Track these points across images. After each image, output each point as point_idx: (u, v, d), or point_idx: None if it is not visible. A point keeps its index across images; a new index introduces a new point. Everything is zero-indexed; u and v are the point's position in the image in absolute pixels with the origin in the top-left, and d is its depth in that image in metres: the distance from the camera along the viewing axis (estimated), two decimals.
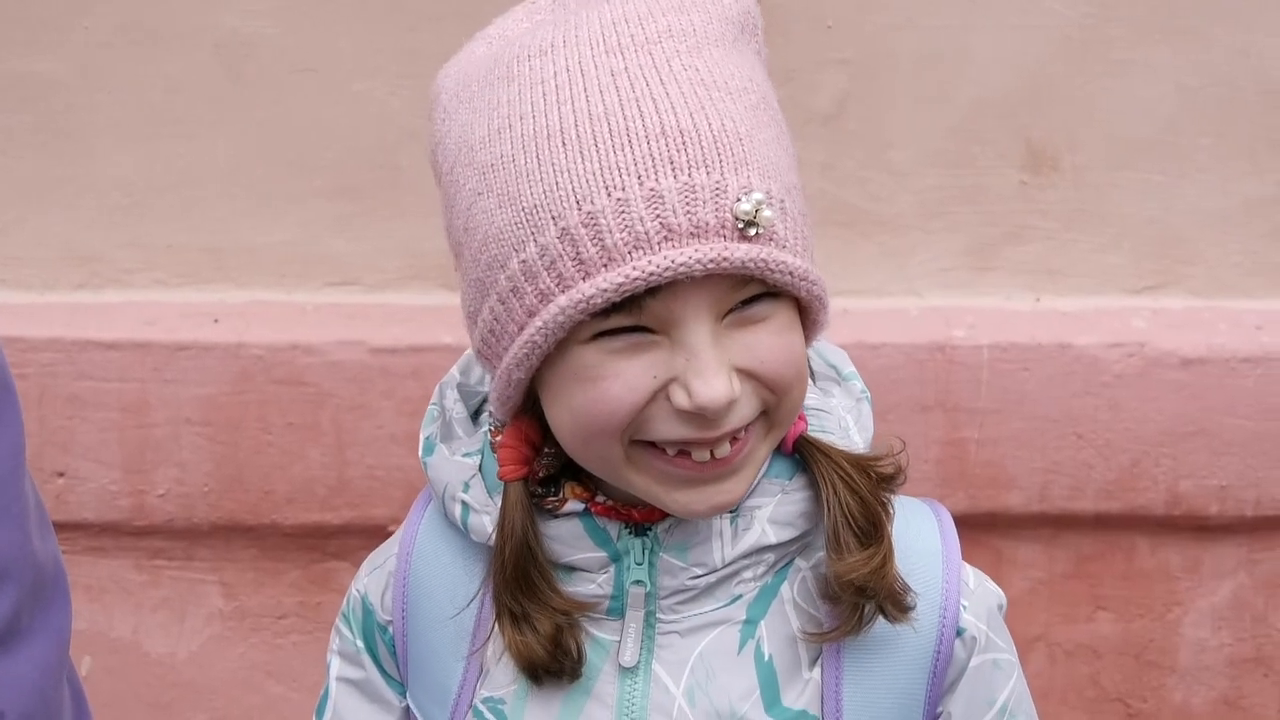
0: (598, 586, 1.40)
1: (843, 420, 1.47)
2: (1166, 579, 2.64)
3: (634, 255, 1.20)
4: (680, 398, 1.24)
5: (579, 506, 1.39)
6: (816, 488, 1.39)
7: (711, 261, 1.20)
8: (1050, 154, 2.56)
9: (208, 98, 2.46)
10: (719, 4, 1.34)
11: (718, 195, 1.21)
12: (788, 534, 1.39)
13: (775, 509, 1.40)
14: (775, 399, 1.29)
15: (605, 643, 1.41)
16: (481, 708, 1.44)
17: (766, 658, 1.41)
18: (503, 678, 1.44)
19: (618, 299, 1.21)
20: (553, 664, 1.38)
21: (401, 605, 1.50)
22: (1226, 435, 2.55)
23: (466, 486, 1.43)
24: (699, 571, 1.39)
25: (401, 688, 1.54)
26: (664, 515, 1.38)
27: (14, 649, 1.43)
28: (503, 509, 1.39)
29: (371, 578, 1.55)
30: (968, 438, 2.53)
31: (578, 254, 1.21)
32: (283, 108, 2.47)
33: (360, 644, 1.55)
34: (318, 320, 2.50)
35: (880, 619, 1.38)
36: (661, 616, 1.40)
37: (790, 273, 1.24)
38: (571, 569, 1.41)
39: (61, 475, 2.50)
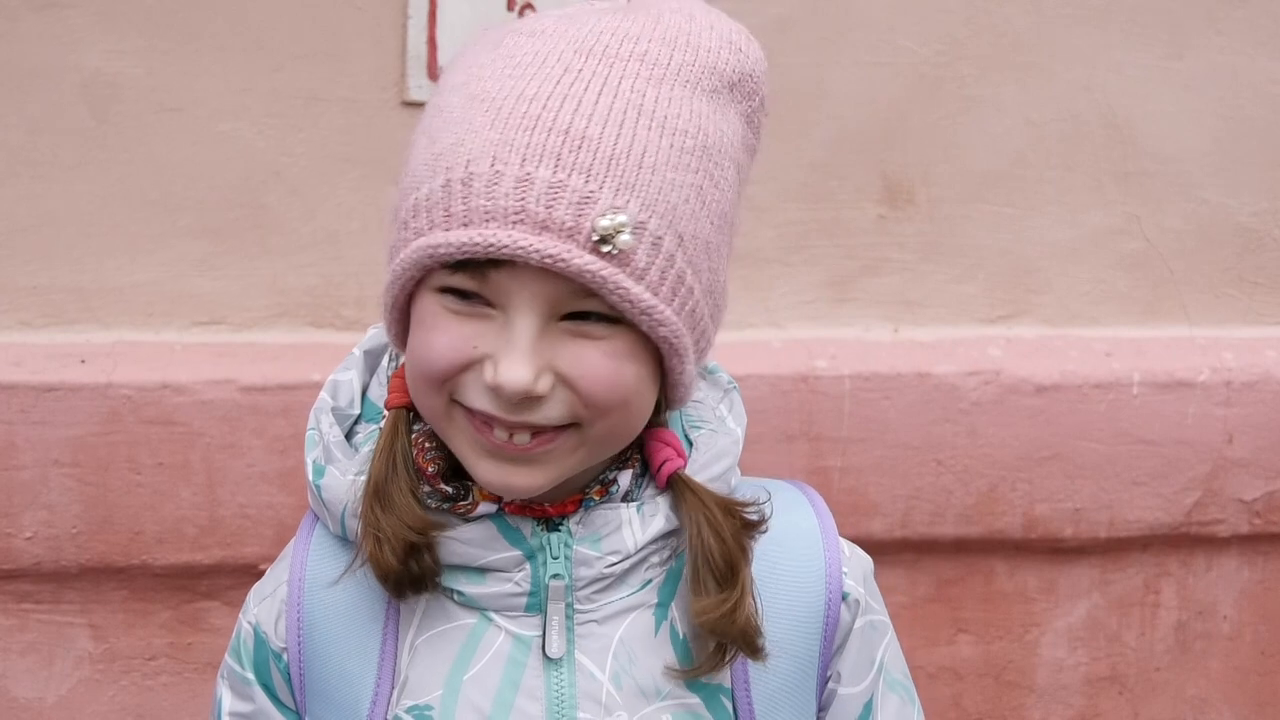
0: (515, 585, 1.44)
1: (717, 410, 1.54)
2: (1024, 600, 2.69)
3: (486, 224, 1.27)
4: (488, 372, 1.31)
5: (491, 508, 1.43)
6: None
7: (549, 257, 1.25)
8: (906, 188, 2.61)
9: (72, 138, 2.45)
10: (713, 54, 1.38)
11: (584, 203, 1.26)
12: None
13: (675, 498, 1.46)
14: (589, 415, 1.34)
15: (526, 638, 1.45)
16: (406, 717, 1.45)
17: (681, 637, 1.46)
18: (426, 684, 1.46)
19: (459, 257, 1.28)
20: (405, 572, 1.41)
21: (297, 631, 1.51)
22: (1079, 459, 2.62)
23: None
24: (614, 559, 1.44)
25: (296, 716, 1.54)
26: (575, 508, 1.44)
27: None
28: (380, 434, 1.45)
29: (262, 607, 1.55)
30: (831, 466, 2.57)
31: (448, 206, 1.29)
32: (148, 148, 2.46)
33: (251, 675, 1.55)
34: (186, 359, 2.48)
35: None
36: (579, 607, 1.45)
37: (631, 300, 1.29)
38: (486, 570, 1.44)
39: None
